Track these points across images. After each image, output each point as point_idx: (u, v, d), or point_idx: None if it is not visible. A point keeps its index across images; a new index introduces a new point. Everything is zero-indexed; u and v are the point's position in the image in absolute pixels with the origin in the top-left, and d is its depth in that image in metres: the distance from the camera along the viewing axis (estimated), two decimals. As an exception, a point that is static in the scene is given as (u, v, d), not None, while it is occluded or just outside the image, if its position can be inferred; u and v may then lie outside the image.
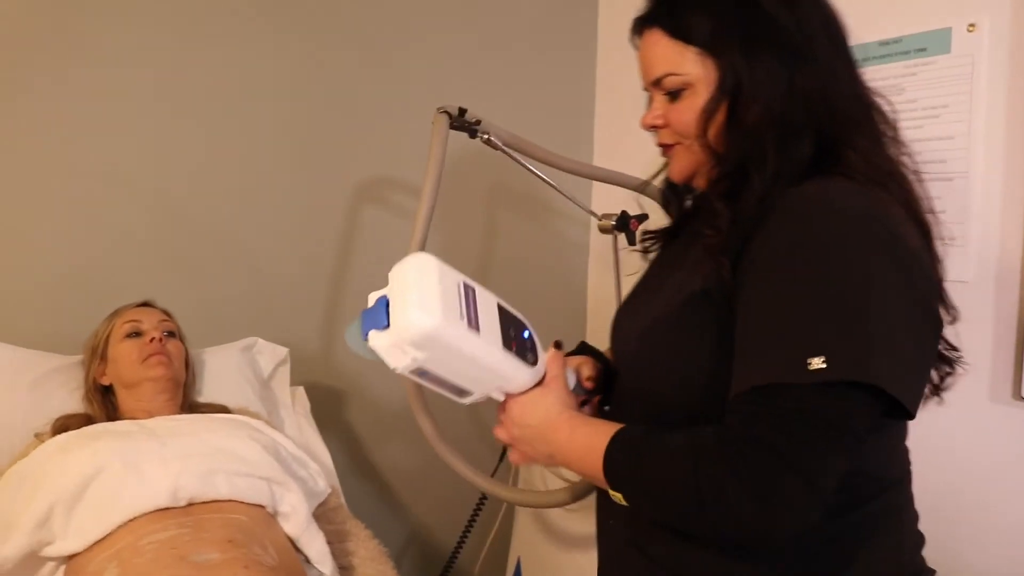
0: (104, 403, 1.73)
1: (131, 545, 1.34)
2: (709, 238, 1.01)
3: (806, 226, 0.91)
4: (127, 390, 1.72)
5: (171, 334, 1.79)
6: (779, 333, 0.89)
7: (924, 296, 0.95)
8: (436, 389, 1.01)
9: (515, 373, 1.03)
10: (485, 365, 0.99)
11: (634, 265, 1.30)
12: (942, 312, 1.00)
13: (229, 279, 2.12)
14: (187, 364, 1.82)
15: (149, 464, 1.44)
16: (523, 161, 1.81)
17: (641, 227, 1.79)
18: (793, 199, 0.94)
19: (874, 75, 1.17)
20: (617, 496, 0.98)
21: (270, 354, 2.05)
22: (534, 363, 1.04)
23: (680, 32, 1.02)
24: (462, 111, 1.69)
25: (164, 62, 1.99)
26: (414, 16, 2.31)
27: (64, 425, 1.64)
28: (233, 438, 1.56)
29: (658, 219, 1.34)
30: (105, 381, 1.75)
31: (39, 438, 1.64)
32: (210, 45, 2.04)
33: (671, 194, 1.23)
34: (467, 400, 1.04)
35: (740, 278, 0.95)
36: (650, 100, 1.10)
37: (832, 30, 1.04)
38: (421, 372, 0.96)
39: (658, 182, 1.24)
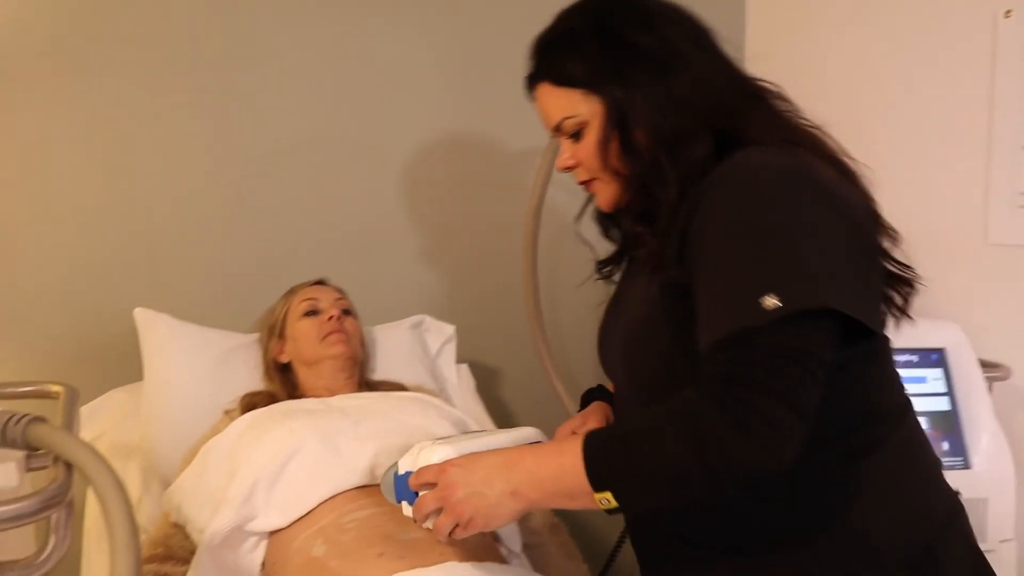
0: (284, 381, 1.74)
1: (334, 523, 1.34)
2: (644, 258, 1.11)
3: (732, 188, 0.99)
4: (307, 368, 1.72)
5: (347, 312, 1.78)
6: (729, 286, 0.95)
7: (853, 226, 1.00)
8: None
9: None
10: None
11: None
12: (884, 236, 1.08)
13: (392, 257, 2.11)
14: (362, 342, 1.81)
15: (345, 443, 1.43)
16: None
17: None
18: (716, 173, 1.01)
19: None
20: (603, 499, 0.96)
21: (437, 332, 2.04)
22: None
23: (562, 79, 1.11)
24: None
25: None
26: None
27: (251, 403, 1.66)
28: (424, 417, 1.54)
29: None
30: (283, 359, 1.76)
31: (228, 415, 1.66)
32: None
33: (605, 222, 1.28)
34: None
35: (689, 264, 1.01)
36: (560, 147, 1.17)
37: (698, 38, 1.12)
38: None
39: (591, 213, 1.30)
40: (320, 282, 1.84)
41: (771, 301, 0.90)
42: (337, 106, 2.03)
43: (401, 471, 1.16)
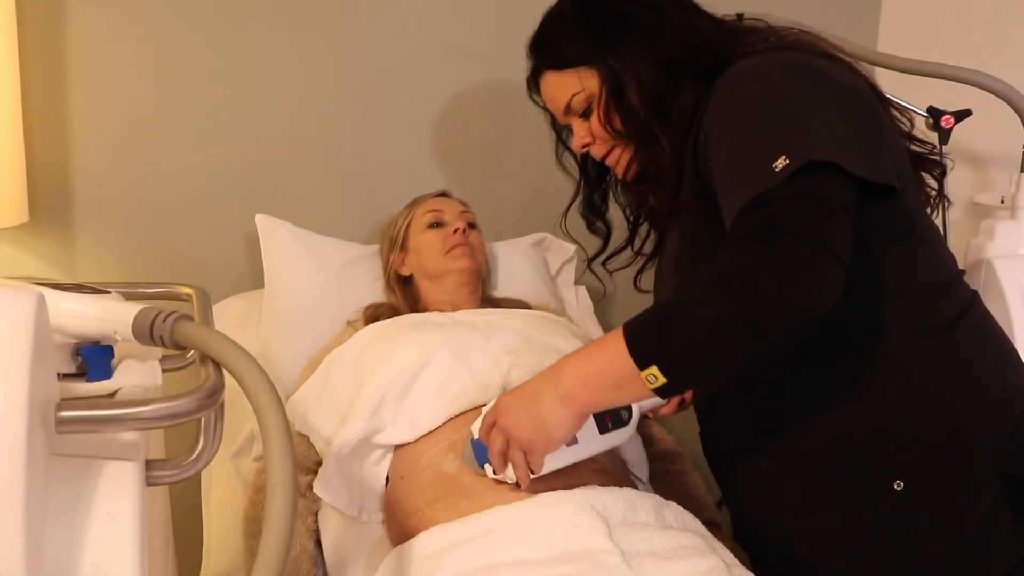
0: (405, 293, 1.69)
1: (465, 439, 1.29)
2: (657, 211, 1.23)
3: (728, 88, 1.05)
4: (430, 281, 1.67)
5: (472, 225, 1.71)
6: (740, 165, 0.99)
7: (853, 94, 1.05)
8: None
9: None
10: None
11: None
12: (897, 115, 1.15)
13: (514, 171, 2.03)
14: (486, 257, 1.75)
15: (477, 357, 1.37)
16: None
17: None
18: (720, 81, 1.07)
19: None
20: (650, 376, 0.95)
21: (558, 251, 1.96)
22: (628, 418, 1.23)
23: (561, 62, 1.21)
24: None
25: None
26: None
27: (374, 314, 1.62)
28: (555, 335, 1.47)
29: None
30: (405, 271, 1.70)
31: (352, 326, 1.62)
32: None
33: (590, 216, 1.38)
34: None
35: (705, 171, 1.07)
36: (574, 130, 1.26)
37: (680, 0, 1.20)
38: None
39: (579, 208, 1.39)
40: (444, 194, 1.77)
41: (781, 162, 0.93)
42: (456, 18, 1.94)
43: (476, 436, 1.17)
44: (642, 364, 0.95)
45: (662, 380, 0.95)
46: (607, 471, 1.30)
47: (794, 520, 1.12)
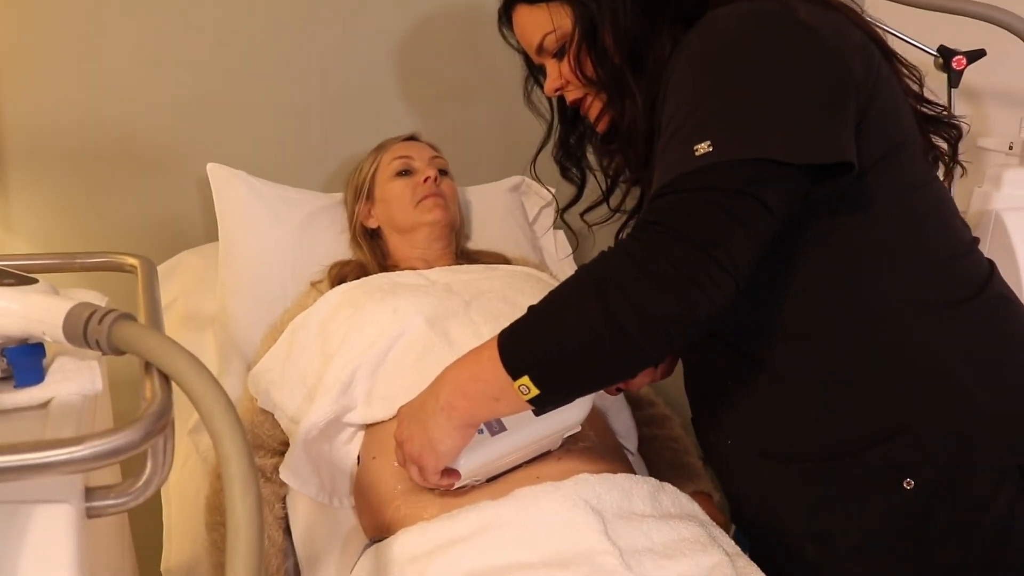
0: (373, 248, 1.56)
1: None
2: (628, 174, 1.14)
3: (695, 41, 0.95)
4: (399, 235, 1.54)
5: (444, 172, 1.58)
6: (672, 136, 0.90)
7: (822, 65, 0.91)
8: None
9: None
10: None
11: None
12: (906, 72, 1.05)
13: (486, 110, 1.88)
14: (459, 206, 1.62)
15: (456, 327, 1.26)
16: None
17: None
18: (691, 32, 0.97)
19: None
20: (523, 387, 0.89)
21: (535, 195, 1.83)
22: None
23: None
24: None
25: None
26: None
27: (340, 274, 1.49)
28: (539, 297, 1.35)
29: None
30: (372, 224, 1.58)
31: (316, 287, 1.50)
32: None
33: (564, 161, 1.26)
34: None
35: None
36: (546, 71, 1.15)
37: None
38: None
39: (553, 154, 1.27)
40: (412, 137, 1.63)
41: (703, 147, 0.85)
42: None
43: None
44: (514, 374, 0.90)
45: (535, 391, 0.89)
46: (596, 450, 1.20)
47: (797, 520, 1.04)
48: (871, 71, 0.96)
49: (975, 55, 1.53)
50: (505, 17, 1.17)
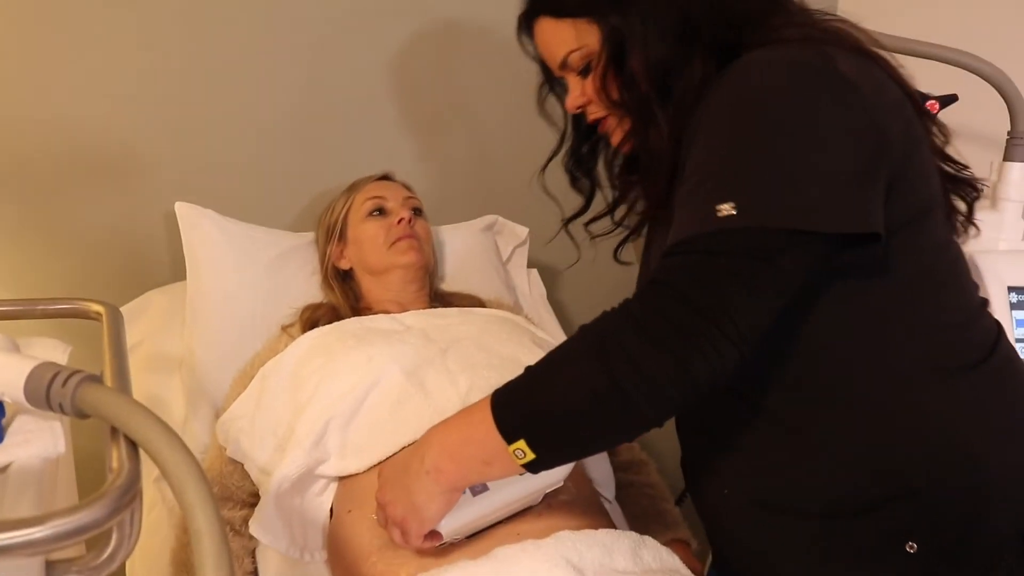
0: (345, 290, 1.53)
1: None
2: (644, 208, 1.07)
3: (729, 87, 0.91)
4: (372, 277, 1.51)
5: (418, 212, 1.56)
6: (695, 188, 0.87)
7: (867, 124, 0.88)
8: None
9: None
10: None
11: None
12: (935, 132, 1.02)
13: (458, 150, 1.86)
14: (433, 247, 1.59)
15: (433, 377, 1.23)
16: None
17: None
18: (727, 73, 0.92)
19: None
20: (518, 451, 0.86)
21: (509, 234, 1.81)
22: None
23: (560, 9, 1.04)
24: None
25: None
26: None
27: (312, 318, 1.46)
28: (517, 344, 1.33)
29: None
30: (344, 265, 1.55)
31: (287, 332, 1.46)
32: None
33: (575, 171, 1.21)
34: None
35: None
36: (567, 87, 1.10)
37: None
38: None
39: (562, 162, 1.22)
40: (386, 177, 1.60)
41: (726, 208, 0.82)
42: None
43: None
44: (509, 438, 0.87)
45: (531, 455, 0.86)
46: (576, 504, 1.18)
47: (793, 575, 1.01)
48: (907, 132, 0.94)
49: (947, 100, 1.54)
50: (526, 26, 1.11)
